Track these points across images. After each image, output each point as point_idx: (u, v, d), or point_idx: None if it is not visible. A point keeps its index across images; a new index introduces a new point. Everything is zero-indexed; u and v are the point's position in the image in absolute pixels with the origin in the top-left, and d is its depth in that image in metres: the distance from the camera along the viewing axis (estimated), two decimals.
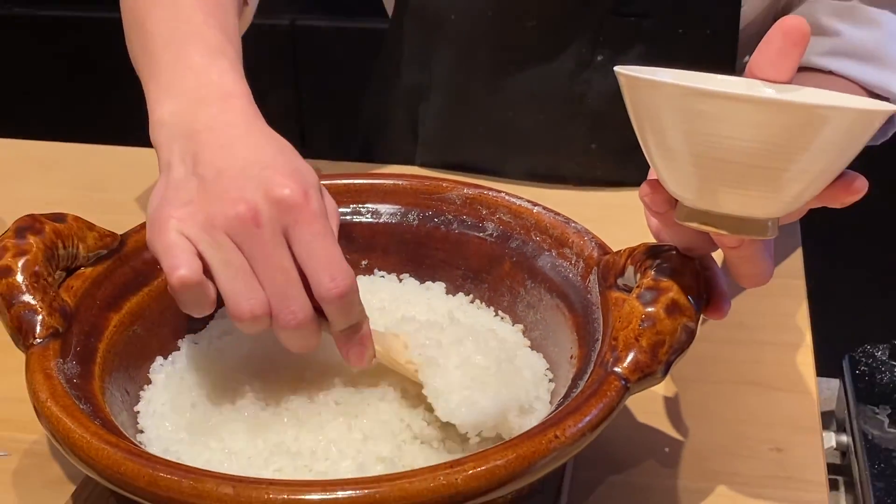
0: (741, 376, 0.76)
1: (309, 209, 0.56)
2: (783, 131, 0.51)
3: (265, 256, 0.56)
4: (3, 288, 0.60)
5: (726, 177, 0.53)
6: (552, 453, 0.52)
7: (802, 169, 0.52)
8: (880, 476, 0.82)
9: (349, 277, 0.57)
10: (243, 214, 0.56)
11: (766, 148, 0.51)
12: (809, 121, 0.50)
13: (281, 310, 0.56)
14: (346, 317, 0.58)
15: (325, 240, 0.57)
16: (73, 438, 0.53)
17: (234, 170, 0.58)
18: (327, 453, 0.59)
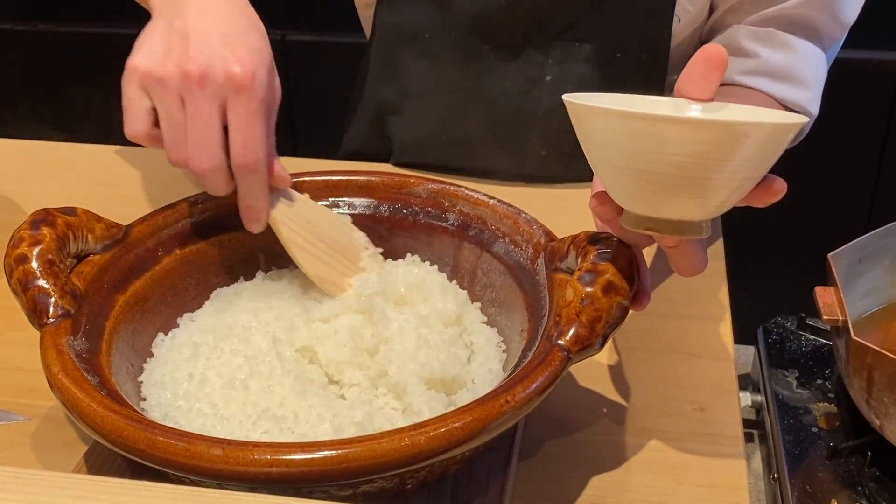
0: (669, 345, 0.75)
1: (250, 89, 0.58)
2: (710, 146, 0.50)
3: (196, 112, 0.58)
4: (20, 274, 0.59)
5: (664, 187, 0.53)
6: (504, 416, 0.52)
7: (728, 177, 0.52)
8: (789, 430, 0.82)
9: (258, 155, 0.60)
10: (192, 74, 0.57)
11: (697, 161, 0.51)
12: (732, 136, 0.50)
13: (192, 156, 0.59)
14: (248, 186, 0.61)
15: (254, 118, 0.59)
16: (81, 407, 0.52)
17: (200, 35, 0.58)
18: (308, 417, 0.58)
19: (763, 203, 0.55)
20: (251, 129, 0.59)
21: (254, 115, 0.59)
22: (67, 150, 1.07)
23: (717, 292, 0.81)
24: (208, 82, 0.57)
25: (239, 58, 0.58)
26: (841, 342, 0.76)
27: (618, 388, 0.70)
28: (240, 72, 0.57)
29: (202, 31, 0.59)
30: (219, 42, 0.58)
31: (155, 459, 0.49)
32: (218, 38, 0.58)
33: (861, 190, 1.74)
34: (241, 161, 0.60)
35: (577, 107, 0.54)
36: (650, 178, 0.53)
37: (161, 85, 0.59)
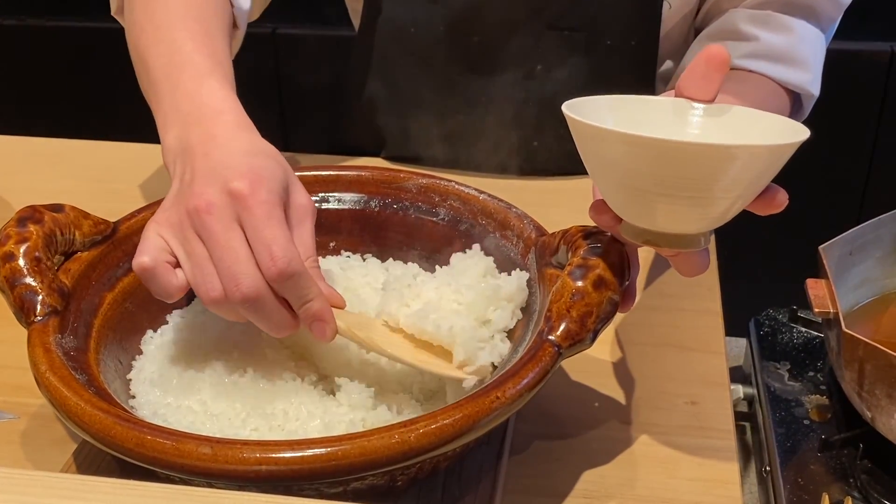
0: (661, 339, 0.75)
1: (255, 198, 0.55)
2: (707, 169, 0.50)
3: (216, 240, 0.55)
4: (7, 271, 0.59)
5: (661, 204, 0.53)
6: (494, 412, 0.52)
7: (726, 195, 0.52)
8: (781, 422, 0.82)
9: (287, 257, 0.55)
10: (198, 206, 0.56)
11: (693, 181, 0.51)
12: (727, 158, 0.50)
13: (228, 285, 0.55)
14: (295, 292, 0.56)
15: (269, 223, 0.55)
16: (69, 405, 0.52)
17: (204, 172, 0.57)
18: (298, 414, 0.57)
19: (763, 213, 0.55)
20: (272, 232, 0.55)
21: (267, 220, 0.55)
22: (55, 146, 1.07)
23: (709, 286, 0.81)
24: (214, 207, 0.55)
25: (239, 173, 0.56)
26: (832, 334, 0.76)
27: (609, 382, 0.70)
28: (238, 186, 0.55)
29: (204, 170, 0.57)
30: (221, 170, 0.57)
31: (143, 458, 0.49)
32: (221, 169, 0.57)
33: (853, 182, 1.74)
34: (274, 271, 0.55)
35: (574, 122, 0.54)
36: (647, 195, 0.53)
37: (174, 229, 0.57)
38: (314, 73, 1.68)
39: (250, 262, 0.55)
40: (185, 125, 0.62)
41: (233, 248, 0.55)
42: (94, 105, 1.82)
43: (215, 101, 0.63)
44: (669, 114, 0.58)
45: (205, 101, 0.63)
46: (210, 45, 0.69)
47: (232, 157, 0.58)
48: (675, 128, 0.58)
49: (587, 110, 0.55)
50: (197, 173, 0.57)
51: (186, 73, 0.65)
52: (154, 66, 0.68)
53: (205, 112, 0.62)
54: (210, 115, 0.62)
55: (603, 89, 0.60)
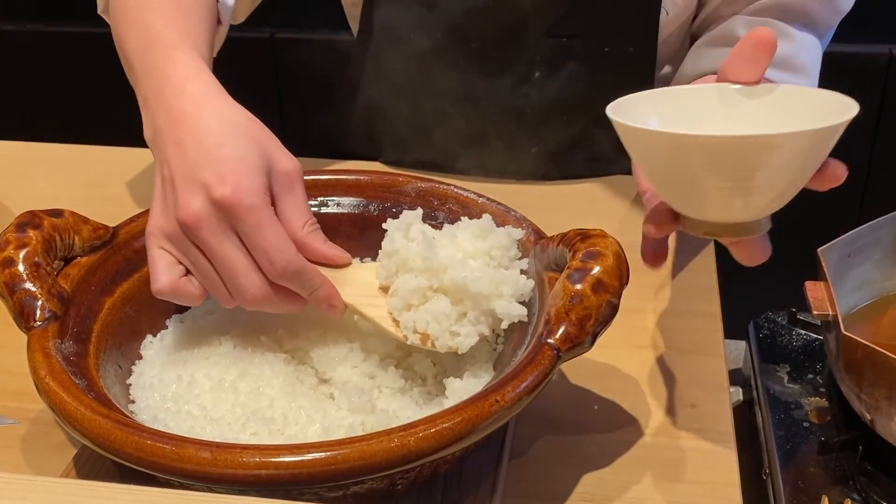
0: (660, 342, 0.75)
1: (241, 206, 0.56)
2: (752, 159, 0.51)
3: (213, 254, 0.57)
4: (7, 277, 0.59)
5: (714, 196, 0.54)
6: (494, 416, 0.52)
7: (776, 181, 0.53)
8: (780, 425, 0.81)
9: (284, 259, 0.56)
10: (189, 223, 0.56)
11: (742, 172, 0.52)
12: (771, 147, 0.51)
13: (237, 294, 0.58)
14: (300, 287, 0.58)
15: (260, 229, 0.56)
16: (68, 410, 0.52)
17: (181, 175, 0.57)
18: (298, 418, 0.57)
19: (823, 188, 0.56)
20: (263, 238, 0.56)
21: (257, 225, 0.56)
22: (55, 151, 1.07)
23: (708, 289, 0.81)
24: (203, 222, 0.56)
25: (219, 178, 0.56)
26: (831, 337, 0.76)
27: (608, 385, 0.70)
28: (221, 194, 0.55)
29: (182, 170, 0.57)
30: (199, 172, 0.56)
31: (143, 463, 0.49)
32: (197, 169, 0.57)
33: (852, 184, 1.74)
34: (275, 274, 0.57)
35: (620, 126, 0.54)
36: (699, 189, 0.54)
37: (173, 241, 0.58)
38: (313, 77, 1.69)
39: (250, 270, 0.57)
40: (153, 104, 0.62)
41: (230, 260, 0.57)
42: (94, 110, 1.82)
43: (178, 70, 0.62)
44: (713, 101, 0.58)
45: (168, 72, 0.62)
46: (182, 22, 0.68)
47: (205, 150, 0.57)
48: (722, 115, 0.58)
49: (630, 109, 0.56)
50: (175, 172, 0.58)
51: (156, 49, 0.65)
52: (129, 51, 0.68)
53: (167, 84, 0.61)
54: (173, 87, 0.61)
55: (601, 95, 0.60)
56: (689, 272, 0.83)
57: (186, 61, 0.63)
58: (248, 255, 0.57)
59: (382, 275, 0.62)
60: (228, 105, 0.61)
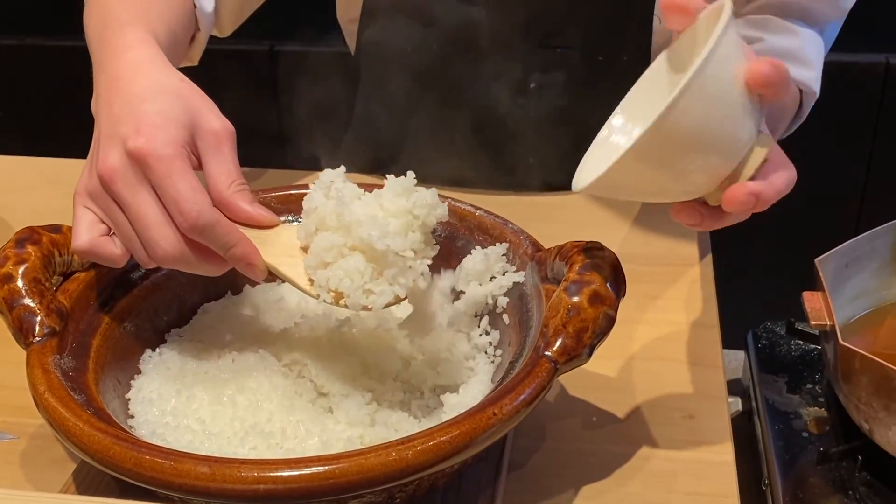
0: (658, 353, 0.75)
1: (153, 156, 0.55)
2: (676, 137, 0.52)
3: (127, 208, 0.56)
4: (6, 293, 0.59)
5: (695, 175, 0.55)
6: (491, 428, 0.52)
7: (722, 133, 0.53)
8: (779, 435, 0.82)
9: (196, 210, 0.55)
10: (104, 176, 0.56)
11: (682, 148, 0.52)
12: (676, 117, 0.51)
13: (150, 249, 0.56)
14: (215, 243, 0.57)
15: (171, 179, 0.55)
16: (67, 426, 0.52)
17: (106, 132, 0.57)
18: (296, 432, 0.58)
19: (765, 94, 0.53)
20: (174, 188, 0.55)
21: (168, 175, 0.55)
22: (54, 165, 1.07)
23: (706, 299, 0.81)
24: (118, 174, 0.55)
25: (135, 129, 0.56)
26: (829, 347, 0.76)
27: (607, 396, 0.70)
28: (134, 145, 0.55)
29: (107, 128, 0.57)
30: (119, 127, 0.56)
31: (142, 478, 0.49)
32: (119, 126, 0.56)
33: (849, 193, 1.74)
34: (186, 226, 0.55)
35: (592, 187, 0.55)
36: (680, 179, 0.54)
37: (95, 198, 0.58)
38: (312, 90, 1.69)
39: (162, 224, 0.55)
40: (97, 74, 0.62)
41: (143, 215, 0.55)
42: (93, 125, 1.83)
43: (124, 41, 0.62)
44: (665, 75, 0.58)
45: (115, 44, 0.62)
46: (141, 8, 0.68)
47: (130, 106, 0.57)
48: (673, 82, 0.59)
49: (591, 161, 0.57)
50: (101, 131, 0.58)
51: (109, 26, 0.65)
52: (90, 33, 0.68)
53: (111, 54, 0.62)
54: (116, 56, 0.61)
55: (596, 104, 0.61)
56: (686, 283, 0.83)
57: (133, 34, 0.63)
58: (162, 208, 0.55)
59: (303, 235, 0.60)
60: (165, 71, 0.60)
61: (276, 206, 0.72)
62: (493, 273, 0.66)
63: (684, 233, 0.89)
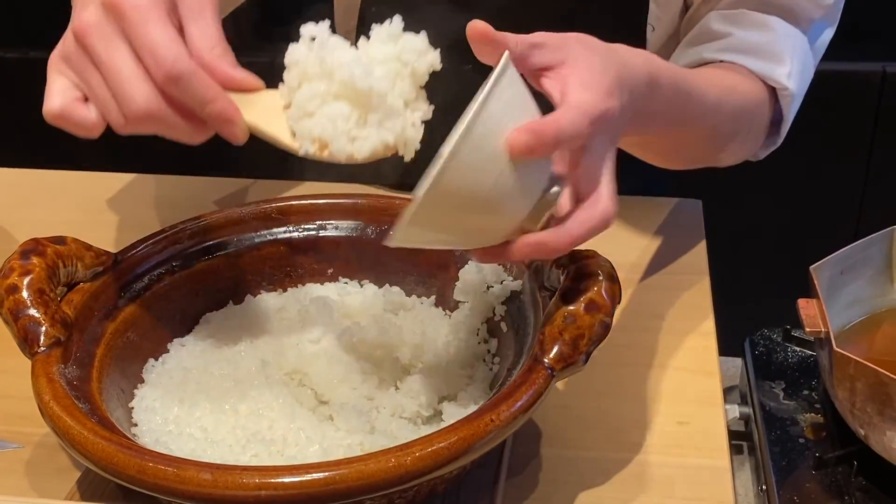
0: (655, 360, 0.76)
1: (127, 4, 0.52)
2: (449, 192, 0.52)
3: (101, 62, 0.53)
4: (11, 303, 0.60)
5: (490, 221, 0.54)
6: (489, 435, 0.53)
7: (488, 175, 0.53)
8: (777, 441, 0.82)
9: (172, 57, 0.52)
10: (79, 32, 0.53)
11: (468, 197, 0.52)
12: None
13: (124, 105, 0.53)
14: (192, 97, 0.53)
15: (147, 27, 0.52)
16: (72, 434, 0.53)
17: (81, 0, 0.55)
18: (297, 440, 0.58)
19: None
20: (149, 36, 0.52)
21: (143, 24, 0.52)
22: (57, 178, 1.08)
23: (702, 307, 0.82)
24: (92, 27, 0.53)
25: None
26: (824, 353, 0.77)
27: (604, 403, 0.71)
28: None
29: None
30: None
31: (145, 485, 0.50)
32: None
33: (847, 201, 1.75)
34: (160, 75, 0.52)
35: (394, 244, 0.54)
36: (486, 219, 0.54)
37: (69, 61, 0.55)
38: None
39: (138, 78, 0.53)
40: None
41: (116, 68, 0.53)
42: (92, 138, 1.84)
43: None
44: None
45: None
46: None
47: None
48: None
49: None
50: (76, 1, 0.55)
51: None
52: None
53: None
54: None
55: None
56: (683, 291, 0.84)
57: None
58: (138, 62, 0.52)
59: (286, 91, 0.57)
60: None
61: (278, 216, 0.74)
62: (490, 282, 0.67)
63: (681, 241, 0.90)
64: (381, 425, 0.60)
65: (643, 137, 0.79)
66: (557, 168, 0.57)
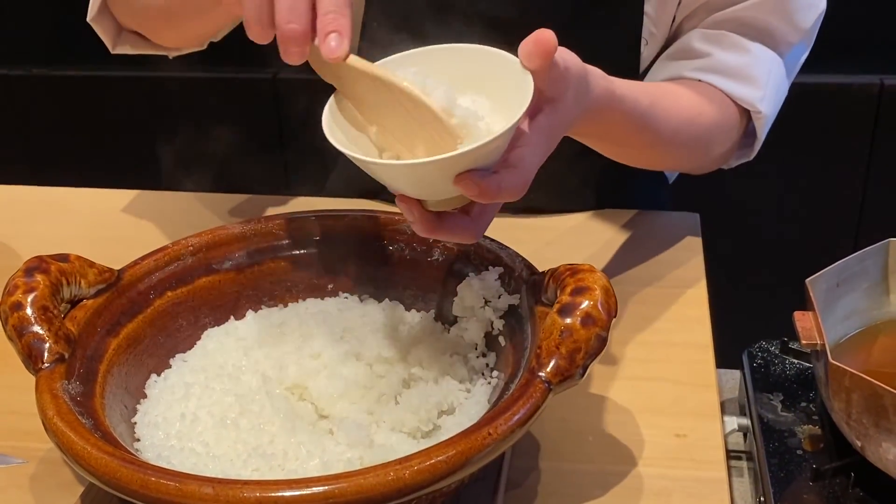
0: (652, 373, 0.76)
1: None
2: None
3: None
4: (15, 320, 0.61)
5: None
6: (487, 448, 0.53)
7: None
8: (774, 453, 0.83)
9: None
10: None
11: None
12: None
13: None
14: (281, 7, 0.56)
15: None
16: (75, 450, 0.53)
17: None
18: (297, 454, 0.59)
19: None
20: None
21: None
22: (60, 195, 1.09)
23: (700, 320, 0.83)
24: None
25: None
26: (820, 365, 0.78)
27: (603, 416, 0.72)
28: None
29: None
30: None
31: (148, 499, 0.51)
32: None
33: (846, 214, 1.76)
34: None
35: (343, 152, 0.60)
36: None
37: None
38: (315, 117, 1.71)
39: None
40: None
41: None
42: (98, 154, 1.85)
43: None
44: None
45: None
46: None
47: None
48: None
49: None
50: None
51: None
52: None
53: None
54: None
55: None
56: (680, 304, 0.84)
57: None
58: None
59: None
60: None
61: (278, 231, 0.75)
62: (488, 297, 0.67)
63: (679, 254, 0.91)
64: (381, 439, 0.61)
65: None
66: None
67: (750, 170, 1.01)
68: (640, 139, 0.80)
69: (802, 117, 0.94)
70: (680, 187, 1.14)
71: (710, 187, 1.22)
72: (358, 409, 0.63)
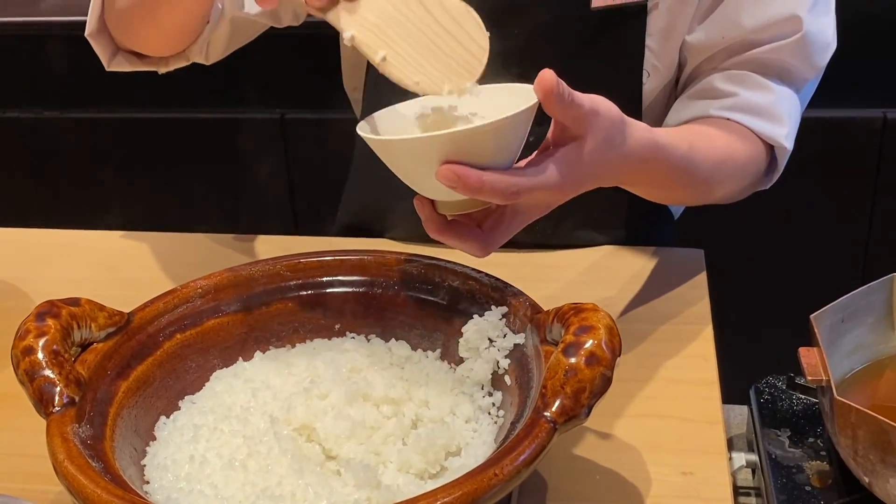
0: (658, 411, 0.77)
1: None
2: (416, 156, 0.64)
3: None
4: (27, 365, 0.61)
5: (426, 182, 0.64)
6: (493, 489, 0.53)
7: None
8: (783, 490, 0.82)
9: None
10: None
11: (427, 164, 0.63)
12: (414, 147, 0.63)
13: None
14: None
15: None
16: (86, 493, 0.54)
17: None
18: (305, 495, 0.59)
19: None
20: None
21: None
22: (70, 237, 1.10)
23: (706, 356, 0.83)
24: None
25: None
26: (826, 401, 0.78)
27: (609, 454, 0.72)
28: None
29: None
30: None
31: None
32: None
33: (852, 248, 1.76)
34: None
35: (368, 140, 0.65)
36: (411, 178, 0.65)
37: None
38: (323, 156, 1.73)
39: None
40: None
41: None
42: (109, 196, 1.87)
43: None
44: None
45: None
46: None
47: None
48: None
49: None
50: None
51: None
52: None
53: None
54: None
55: None
56: (685, 340, 0.85)
57: None
58: None
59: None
60: None
61: (285, 273, 0.75)
62: (493, 337, 0.68)
63: (683, 291, 0.92)
64: (388, 480, 0.61)
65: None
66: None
67: (754, 204, 1.02)
68: (680, 181, 0.83)
69: (807, 151, 0.95)
70: (685, 223, 1.15)
71: (715, 223, 1.22)
72: (365, 450, 0.64)
